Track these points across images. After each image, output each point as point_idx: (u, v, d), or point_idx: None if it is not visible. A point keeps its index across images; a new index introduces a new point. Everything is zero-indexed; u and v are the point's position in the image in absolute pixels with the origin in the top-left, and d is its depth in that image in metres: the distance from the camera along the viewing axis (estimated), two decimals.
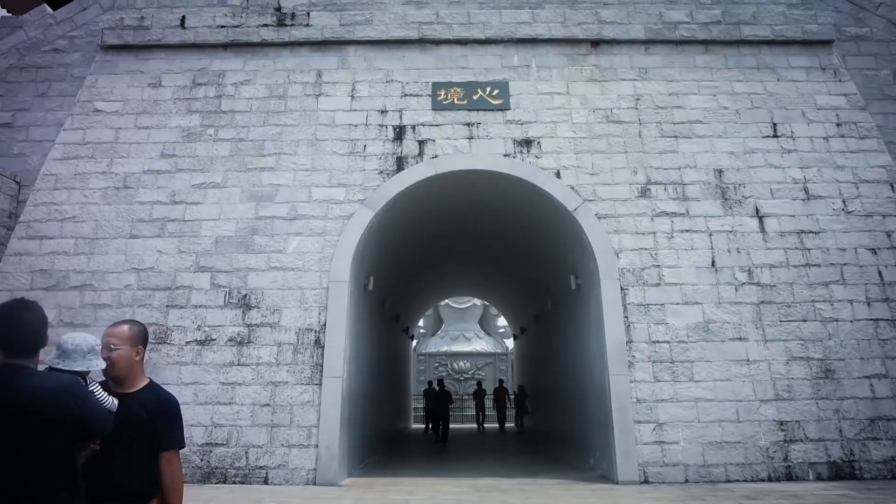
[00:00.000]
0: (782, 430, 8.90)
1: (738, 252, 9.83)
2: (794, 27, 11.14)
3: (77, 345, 2.62)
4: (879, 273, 9.65)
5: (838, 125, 10.59)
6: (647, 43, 11.19)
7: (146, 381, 2.86)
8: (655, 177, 10.35)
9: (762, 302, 9.53)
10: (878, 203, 10.06)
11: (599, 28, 11.20)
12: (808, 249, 9.80)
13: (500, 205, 11.99)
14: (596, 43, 11.23)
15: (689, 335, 9.38)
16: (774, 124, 10.62)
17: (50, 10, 11.96)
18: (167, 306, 9.60)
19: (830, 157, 10.38)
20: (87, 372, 2.65)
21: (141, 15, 11.25)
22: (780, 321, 9.41)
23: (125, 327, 2.84)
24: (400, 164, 10.53)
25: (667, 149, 10.52)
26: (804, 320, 9.40)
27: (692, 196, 10.21)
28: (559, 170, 10.44)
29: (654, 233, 10.03)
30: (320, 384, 9.24)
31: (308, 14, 11.28)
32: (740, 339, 9.34)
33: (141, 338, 2.87)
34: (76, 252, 9.85)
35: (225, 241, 9.96)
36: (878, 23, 11.92)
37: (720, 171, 10.34)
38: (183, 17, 11.25)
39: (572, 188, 10.32)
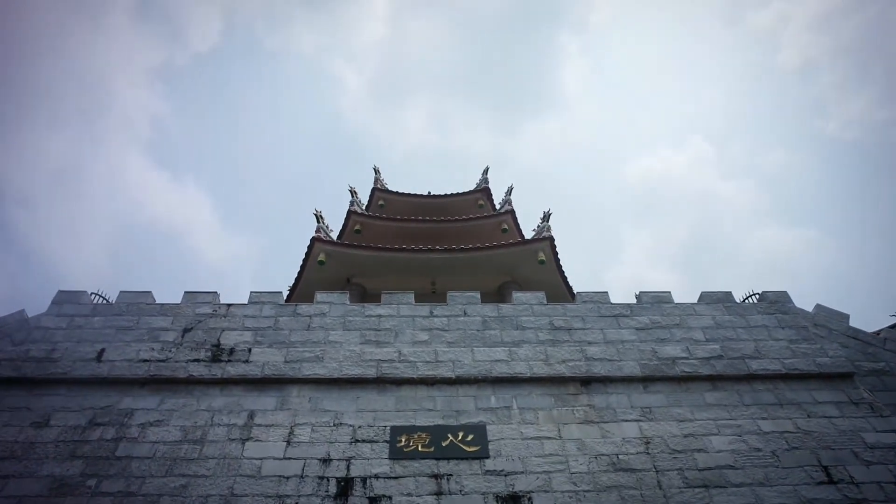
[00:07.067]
0: None
1: None
2: (805, 360, 9.82)
3: None
4: None
5: None
6: (646, 380, 9.60)
7: None
8: None
9: None
10: None
11: (588, 365, 9.74)
12: None
13: None
14: (586, 381, 9.62)
15: None
16: (825, 468, 8.34)
17: None
18: None
19: None
20: None
21: (52, 347, 9.59)
22: None
23: None
24: None
25: (698, 502, 7.95)
26: None
27: None
28: None
29: None
30: None
31: (249, 350, 9.75)
32: None
33: None
34: None
35: None
36: (893, 357, 10.69)
37: None
38: (102, 350, 9.57)
39: None
